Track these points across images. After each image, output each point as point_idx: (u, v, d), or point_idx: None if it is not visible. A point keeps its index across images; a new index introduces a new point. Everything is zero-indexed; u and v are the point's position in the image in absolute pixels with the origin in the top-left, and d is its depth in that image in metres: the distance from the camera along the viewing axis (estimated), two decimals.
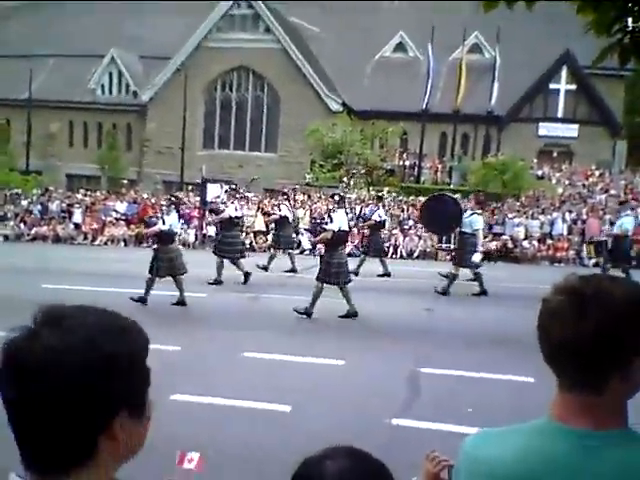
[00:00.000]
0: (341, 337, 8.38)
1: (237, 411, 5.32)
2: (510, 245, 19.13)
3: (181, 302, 10.11)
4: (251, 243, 20.82)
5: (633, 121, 39.99)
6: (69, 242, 21.89)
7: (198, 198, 23.61)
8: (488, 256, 19.05)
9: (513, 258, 18.95)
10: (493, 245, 19.22)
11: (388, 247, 19.99)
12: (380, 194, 19.44)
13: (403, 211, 21.78)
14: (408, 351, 7.60)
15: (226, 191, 16.23)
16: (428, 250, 19.65)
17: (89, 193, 26.59)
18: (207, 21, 33.95)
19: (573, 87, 31.09)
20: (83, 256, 16.45)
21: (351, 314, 9.38)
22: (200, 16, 33.95)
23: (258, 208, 22.48)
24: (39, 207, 24.29)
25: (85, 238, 22.64)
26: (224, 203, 14.10)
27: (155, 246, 10.71)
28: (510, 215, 20.28)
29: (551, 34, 30.00)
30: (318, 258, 11.77)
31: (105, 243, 22.23)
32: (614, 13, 3.14)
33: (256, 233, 20.95)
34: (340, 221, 9.46)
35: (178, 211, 11.02)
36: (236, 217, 13.08)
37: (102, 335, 0.92)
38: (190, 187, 28.69)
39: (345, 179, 27.60)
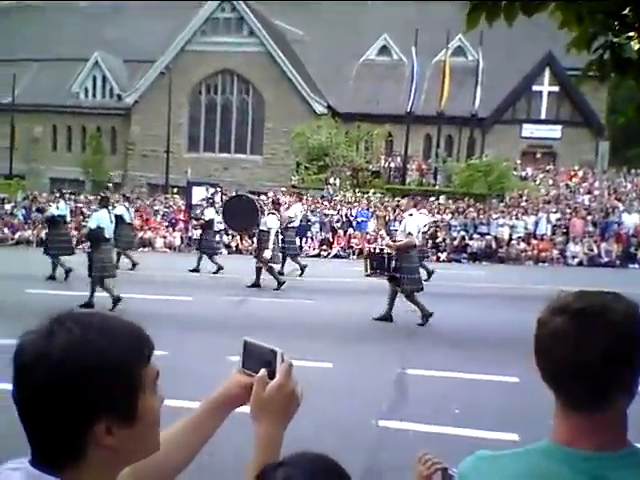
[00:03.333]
0: (329, 340, 8.38)
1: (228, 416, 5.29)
2: (494, 245, 19.27)
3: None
4: (237, 245, 20.80)
5: (616, 122, 40.45)
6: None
7: (183, 201, 23.56)
8: (474, 256, 19.22)
9: (498, 258, 19.08)
10: (476, 245, 19.36)
11: (375, 248, 20.07)
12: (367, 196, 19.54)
13: (388, 212, 21.85)
14: (394, 352, 7.63)
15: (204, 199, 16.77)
16: None
17: (73, 197, 26.38)
18: (191, 24, 33.86)
19: (556, 89, 31.35)
20: (68, 260, 16.31)
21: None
22: (184, 19, 33.87)
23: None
24: (23, 211, 24.08)
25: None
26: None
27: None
28: (494, 216, 20.42)
29: (534, 36, 30.17)
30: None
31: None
32: (594, 29, 3.19)
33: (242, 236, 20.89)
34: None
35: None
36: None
37: (84, 342, 0.94)
38: (175, 190, 28.60)
39: (331, 180, 27.67)
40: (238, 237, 21.00)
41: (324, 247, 20.54)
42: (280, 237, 13.36)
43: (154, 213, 24.42)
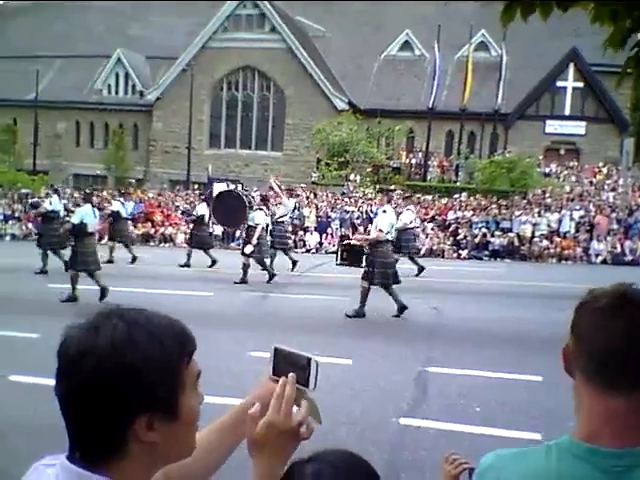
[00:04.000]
0: (349, 336, 8.36)
1: None
2: (517, 243, 19.07)
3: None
4: None
5: None
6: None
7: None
8: (495, 254, 19.03)
9: (520, 256, 18.89)
10: (498, 242, 19.18)
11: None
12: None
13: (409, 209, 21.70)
14: (415, 350, 7.58)
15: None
16: (434, 248, 19.60)
17: (96, 193, 26.63)
18: (213, 21, 33.96)
19: (580, 84, 30.91)
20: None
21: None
22: (206, 16, 33.99)
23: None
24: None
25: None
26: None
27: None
28: (517, 213, 20.21)
29: (557, 32, 29.79)
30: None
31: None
32: (630, 24, 3.10)
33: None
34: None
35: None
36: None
37: (128, 338, 0.94)
38: (196, 186, 28.76)
39: (352, 177, 27.61)
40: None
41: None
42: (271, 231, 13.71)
43: (175, 209, 24.57)
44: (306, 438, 1.10)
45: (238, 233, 19.67)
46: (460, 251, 19.48)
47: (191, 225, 16.20)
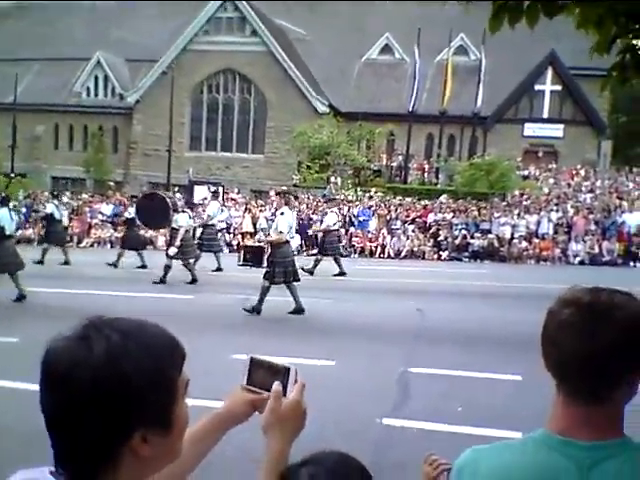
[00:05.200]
0: (331, 338, 8.38)
1: None
2: (496, 244, 19.25)
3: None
4: (238, 244, 20.79)
5: (618, 121, 40.44)
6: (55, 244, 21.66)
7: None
8: (475, 255, 19.21)
9: (500, 257, 19.08)
10: (477, 243, 19.34)
11: (375, 247, 20.07)
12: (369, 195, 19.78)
13: (390, 211, 21.83)
14: (398, 351, 7.62)
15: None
16: (415, 249, 19.73)
17: (76, 196, 26.42)
18: (193, 24, 33.84)
19: (558, 87, 31.29)
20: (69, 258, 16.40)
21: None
22: (186, 19, 33.86)
23: (245, 209, 22.45)
24: (24, 210, 24.08)
25: (71, 240, 22.45)
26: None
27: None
28: (496, 214, 20.40)
29: (536, 35, 29.94)
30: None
31: (91, 245, 22.19)
32: (615, 31, 3.17)
33: (244, 234, 20.91)
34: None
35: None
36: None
37: (123, 350, 0.91)
38: (177, 189, 28.61)
39: (333, 179, 27.66)
40: (240, 236, 21.03)
41: None
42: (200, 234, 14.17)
43: None
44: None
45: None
46: (441, 252, 19.63)
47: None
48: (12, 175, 31.04)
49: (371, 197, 24.09)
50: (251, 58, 32.85)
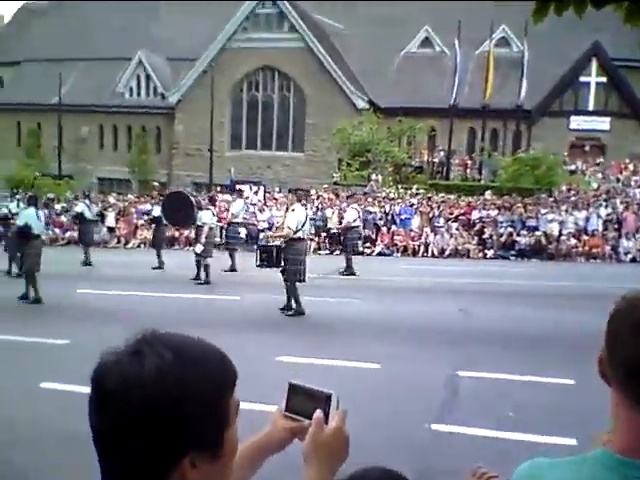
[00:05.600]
0: (376, 340, 8.29)
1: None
2: (544, 242, 18.81)
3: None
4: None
5: None
6: (102, 246, 22.10)
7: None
8: (522, 253, 18.80)
9: (547, 255, 18.63)
10: (524, 241, 18.92)
11: (418, 245, 19.83)
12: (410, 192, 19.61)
13: (432, 209, 21.54)
14: (445, 353, 7.50)
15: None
16: (459, 248, 19.42)
17: (121, 197, 26.92)
18: (232, 21, 34.04)
19: (603, 79, 30.46)
20: (117, 260, 16.65)
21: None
22: (225, 16, 34.08)
23: (287, 209, 22.44)
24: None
25: (118, 242, 22.91)
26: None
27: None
28: (543, 211, 19.93)
29: (580, 26, 29.23)
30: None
31: (138, 246, 22.44)
32: None
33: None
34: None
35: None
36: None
37: (176, 369, 0.87)
38: (219, 188, 28.88)
39: (373, 177, 27.47)
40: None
41: (367, 244, 20.41)
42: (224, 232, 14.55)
43: None
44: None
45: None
46: (486, 251, 19.28)
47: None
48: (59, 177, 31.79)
49: (416, 194, 23.79)
50: (290, 55, 32.88)
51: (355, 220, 14.88)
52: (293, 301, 9.71)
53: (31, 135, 38.08)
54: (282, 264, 9.74)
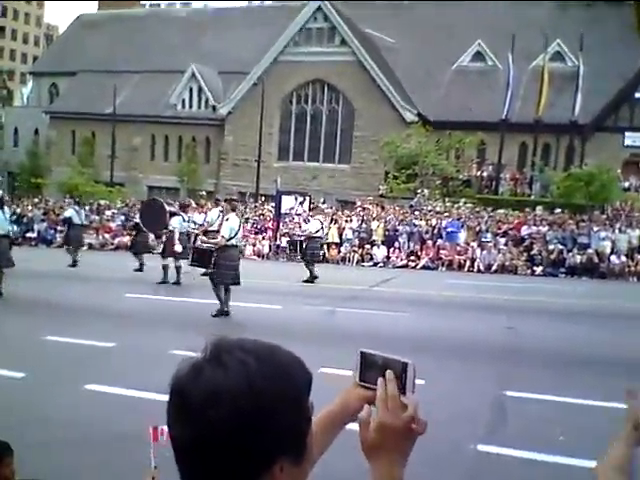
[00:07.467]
0: (419, 355, 8.10)
1: None
2: (596, 260, 18.22)
3: None
4: (324, 255, 20.77)
5: None
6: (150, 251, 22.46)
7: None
8: (572, 271, 18.25)
9: (599, 274, 18.03)
10: (577, 259, 18.36)
11: (464, 260, 19.47)
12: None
13: (480, 223, 21.16)
14: (491, 372, 7.28)
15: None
16: (507, 264, 18.98)
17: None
18: (284, 35, 34.45)
19: None
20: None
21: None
22: (277, 30, 34.48)
23: (332, 220, 22.43)
24: (122, 217, 25.19)
25: None
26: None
27: None
28: (596, 228, 19.32)
29: (635, 41, 28.72)
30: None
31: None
32: None
33: (329, 245, 20.88)
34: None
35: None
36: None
37: (262, 376, 0.85)
38: (263, 198, 29.08)
39: (420, 190, 27.21)
40: (325, 247, 21.01)
41: (412, 258, 20.16)
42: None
43: (245, 221, 24.83)
44: (421, 433, 1.02)
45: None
46: (534, 267, 18.78)
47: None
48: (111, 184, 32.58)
49: (464, 206, 23.43)
50: (340, 68, 33.02)
51: (317, 231, 15.39)
52: (219, 301, 10.12)
53: (85, 143, 39.23)
54: (212, 267, 10.24)
